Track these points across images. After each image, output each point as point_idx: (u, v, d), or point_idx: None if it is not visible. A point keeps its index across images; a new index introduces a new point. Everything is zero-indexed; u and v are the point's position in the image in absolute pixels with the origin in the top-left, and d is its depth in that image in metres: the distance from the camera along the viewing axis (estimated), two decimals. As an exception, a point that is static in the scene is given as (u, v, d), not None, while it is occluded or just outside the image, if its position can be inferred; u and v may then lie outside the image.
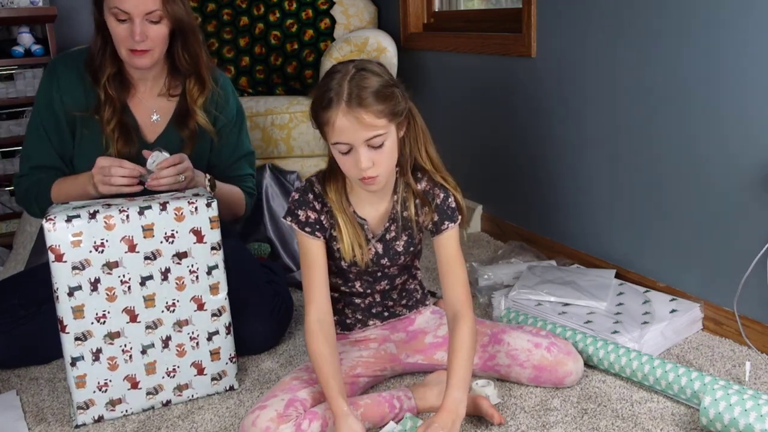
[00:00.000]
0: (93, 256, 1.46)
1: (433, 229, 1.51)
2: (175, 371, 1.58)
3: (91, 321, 1.49)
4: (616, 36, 1.98)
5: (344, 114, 1.33)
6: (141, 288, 1.51)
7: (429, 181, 1.52)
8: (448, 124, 2.84)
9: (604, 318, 1.77)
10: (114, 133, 1.74)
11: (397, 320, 1.65)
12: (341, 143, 1.36)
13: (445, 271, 1.50)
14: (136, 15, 1.64)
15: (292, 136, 2.66)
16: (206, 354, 1.60)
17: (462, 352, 1.40)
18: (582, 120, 2.15)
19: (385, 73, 1.40)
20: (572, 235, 2.26)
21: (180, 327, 1.56)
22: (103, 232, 1.46)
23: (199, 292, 1.57)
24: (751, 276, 1.66)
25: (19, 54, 2.93)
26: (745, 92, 1.65)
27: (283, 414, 1.36)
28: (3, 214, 2.96)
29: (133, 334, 1.53)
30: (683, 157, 1.83)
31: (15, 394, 1.67)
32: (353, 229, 1.48)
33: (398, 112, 1.39)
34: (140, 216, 1.49)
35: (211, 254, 1.56)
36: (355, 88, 1.33)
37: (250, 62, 3.00)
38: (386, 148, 1.38)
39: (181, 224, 1.52)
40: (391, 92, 1.36)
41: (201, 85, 1.81)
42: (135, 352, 1.53)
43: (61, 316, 1.47)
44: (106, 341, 1.50)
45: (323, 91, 1.36)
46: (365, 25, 3.10)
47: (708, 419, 1.36)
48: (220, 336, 1.61)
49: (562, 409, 1.50)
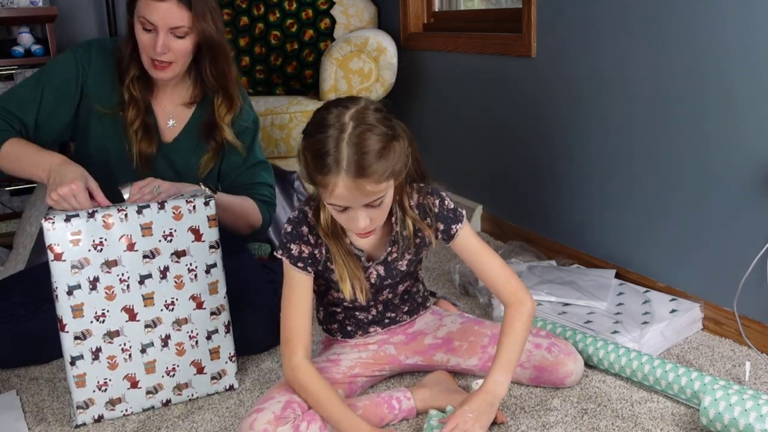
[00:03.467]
0: (92, 255, 1.46)
1: (444, 237, 1.46)
2: (174, 370, 1.58)
3: (90, 320, 1.48)
4: (616, 36, 1.98)
5: (344, 183, 1.23)
6: (140, 287, 1.51)
7: (419, 191, 1.46)
8: (447, 124, 2.84)
9: (604, 318, 1.77)
10: (137, 134, 1.75)
11: (398, 326, 1.64)
12: (338, 205, 1.29)
13: (479, 270, 1.47)
14: (162, 27, 1.64)
15: (292, 136, 2.66)
16: (206, 353, 1.60)
17: (509, 336, 1.40)
18: (582, 120, 2.15)
19: (383, 118, 1.29)
20: (572, 235, 2.26)
21: (179, 326, 1.56)
22: (101, 231, 1.46)
23: (198, 290, 1.57)
24: (751, 276, 1.66)
25: (19, 54, 2.93)
26: (746, 93, 1.65)
27: (280, 416, 1.35)
28: (3, 214, 2.97)
29: (133, 333, 1.52)
30: (683, 156, 1.83)
31: (15, 394, 1.67)
32: (351, 267, 1.42)
33: (400, 170, 1.30)
34: (138, 215, 1.49)
35: (209, 253, 1.56)
36: (356, 155, 1.22)
37: (250, 62, 3.00)
38: (385, 204, 1.32)
39: (179, 223, 1.52)
40: (392, 148, 1.26)
41: (229, 103, 1.81)
42: (134, 351, 1.53)
43: (60, 315, 1.47)
44: (105, 340, 1.50)
45: (319, 152, 1.24)
46: (365, 25, 3.10)
47: (708, 419, 1.36)
48: (219, 335, 1.61)
49: (562, 409, 1.50)
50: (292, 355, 1.40)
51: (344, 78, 2.74)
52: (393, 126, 1.30)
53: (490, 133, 2.58)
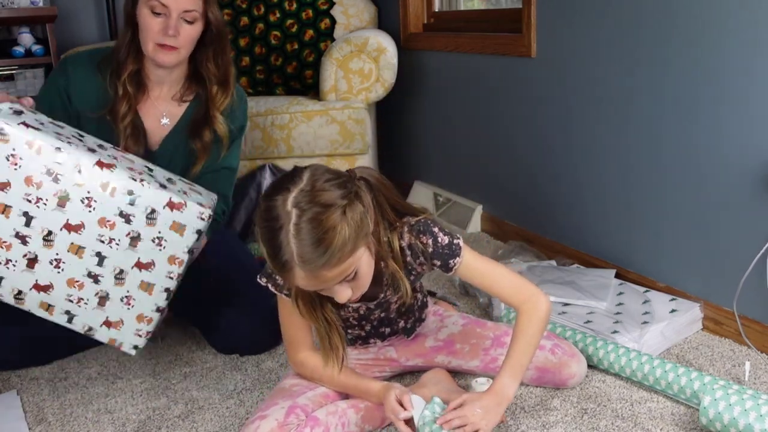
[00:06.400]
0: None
1: (443, 270, 1.40)
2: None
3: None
4: (616, 35, 1.98)
5: (303, 276, 1.19)
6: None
7: (409, 231, 1.38)
8: (447, 124, 2.84)
9: (604, 318, 1.77)
10: (127, 129, 1.74)
11: (398, 337, 1.61)
12: (311, 290, 1.28)
13: (488, 289, 1.45)
14: (174, 10, 1.64)
15: (292, 136, 2.66)
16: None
17: (520, 339, 1.38)
18: (582, 120, 2.15)
19: (334, 185, 1.20)
20: (572, 235, 2.26)
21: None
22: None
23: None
24: (751, 276, 1.66)
25: (20, 54, 2.94)
26: (746, 92, 1.65)
27: (284, 423, 1.34)
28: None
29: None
30: (683, 156, 1.83)
31: (15, 394, 1.67)
32: (331, 340, 1.40)
33: (366, 236, 1.24)
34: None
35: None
36: (307, 246, 1.15)
37: (250, 62, 3.00)
38: (362, 273, 1.26)
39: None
40: (345, 223, 1.18)
41: (224, 91, 1.80)
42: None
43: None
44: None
45: (270, 248, 1.20)
46: (365, 25, 3.10)
47: (708, 419, 1.36)
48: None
49: (562, 408, 1.50)
50: (297, 354, 1.47)
51: (344, 78, 2.74)
52: (348, 190, 1.22)
53: (490, 133, 2.58)
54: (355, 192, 1.24)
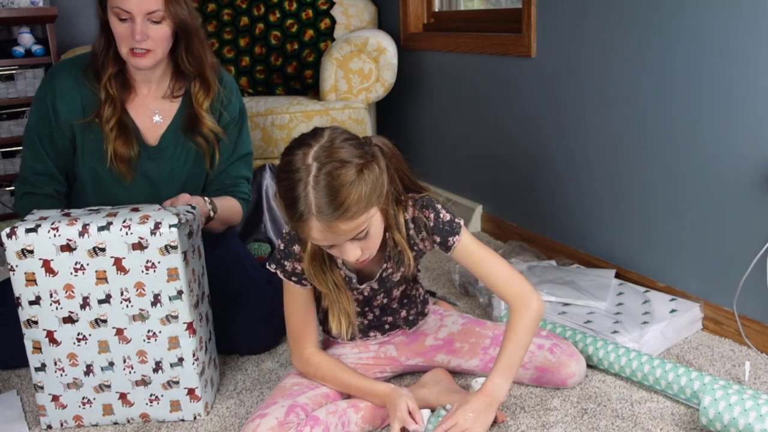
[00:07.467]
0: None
1: (442, 248, 1.43)
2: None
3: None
4: (616, 36, 1.98)
5: (318, 227, 1.22)
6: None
7: (413, 204, 1.42)
8: (448, 125, 2.84)
9: (604, 318, 1.77)
10: (112, 132, 1.74)
11: (399, 331, 1.62)
12: (323, 245, 1.30)
13: (481, 277, 1.45)
14: (137, 14, 1.64)
15: (292, 136, 2.64)
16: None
17: (511, 340, 1.39)
18: (582, 120, 2.15)
19: (352, 145, 1.25)
20: (572, 235, 2.26)
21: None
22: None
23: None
24: (751, 276, 1.66)
25: (20, 54, 2.94)
26: (746, 92, 1.65)
27: (283, 422, 1.35)
28: (3, 214, 2.97)
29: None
30: (683, 156, 1.83)
31: (15, 394, 1.68)
32: (340, 302, 1.42)
33: (379, 196, 1.27)
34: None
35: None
36: (324, 198, 1.20)
37: (250, 62, 3.00)
38: (372, 233, 1.29)
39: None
40: (363, 179, 1.23)
41: (206, 89, 1.81)
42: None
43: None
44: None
45: (289, 199, 1.23)
46: (365, 25, 3.10)
47: (708, 419, 1.36)
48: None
49: (562, 408, 1.50)
50: (302, 350, 1.48)
51: (344, 78, 2.74)
52: (365, 151, 1.26)
53: (490, 133, 2.59)
54: (372, 154, 1.28)
